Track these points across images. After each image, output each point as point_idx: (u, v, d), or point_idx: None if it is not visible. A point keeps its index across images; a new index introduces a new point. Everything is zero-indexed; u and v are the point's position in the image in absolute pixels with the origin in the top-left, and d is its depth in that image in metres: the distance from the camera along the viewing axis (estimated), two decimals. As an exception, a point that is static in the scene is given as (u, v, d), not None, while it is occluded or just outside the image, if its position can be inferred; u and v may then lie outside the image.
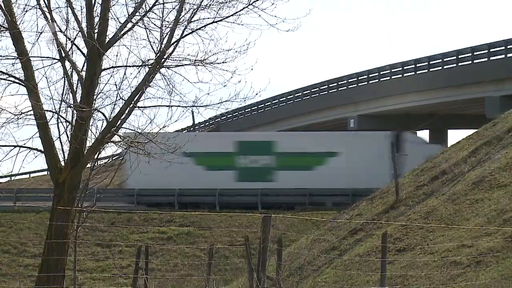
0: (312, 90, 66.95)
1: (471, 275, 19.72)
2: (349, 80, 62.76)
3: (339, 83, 63.85)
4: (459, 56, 51.86)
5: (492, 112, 40.13)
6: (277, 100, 69.91)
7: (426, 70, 54.62)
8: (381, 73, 59.34)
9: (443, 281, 19.52)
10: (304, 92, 67.92)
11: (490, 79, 45.81)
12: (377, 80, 59.52)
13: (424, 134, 66.18)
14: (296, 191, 52.55)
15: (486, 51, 49.35)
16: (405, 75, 56.70)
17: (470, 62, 50.65)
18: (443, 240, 23.11)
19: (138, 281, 26.15)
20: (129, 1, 14.29)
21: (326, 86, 65.21)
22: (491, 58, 48.41)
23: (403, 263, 22.64)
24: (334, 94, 63.67)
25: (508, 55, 46.08)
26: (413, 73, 55.93)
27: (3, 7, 13.96)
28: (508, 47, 47.06)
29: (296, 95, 68.80)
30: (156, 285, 25.39)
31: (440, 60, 53.67)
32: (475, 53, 50.49)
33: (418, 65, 55.69)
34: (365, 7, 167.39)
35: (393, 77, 57.86)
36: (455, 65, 52.00)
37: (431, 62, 54.50)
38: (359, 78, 61.52)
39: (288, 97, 69.41)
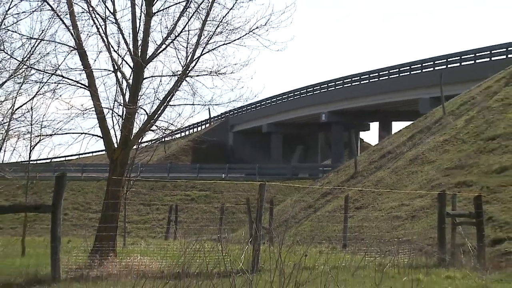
0: (295, 93, 67.11)
1: (408, 226, 19.76)
2: (321, 86, 62.96)
3: (315, 88, 64.02)
4: (401, 69, 51.99)
5: (424, 109, 40.18)
6: (269, 100, 70.01)
7: (377, 79, 54.71)
8: (344, 81, 59.54)
9: (388, 230, 19.52)
10: (289, 94, 68.09)
11: (422, 85, 45.81)
12: (341, 86, 59.68)
13: (374, 126, 66.54)
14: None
15: (420, 65, 49.49)
16: (362, 82, 56.78)
17: (408, 73, 50.76)
18: (388, 201, 23.16)
19: (170, 229, 26.22)
20: (163, 28, 14.32)
21: (305, 90, 65.39)
22: (423, 70, 48.52)
23: (359, 217, 22.67)
24: (311, 96, 63.83)
25: (436, 68, 46.17)
26: (367, 81, 56.03)
27: (73, 33, 13.96)
28: (436, 62, 47.16)
29: (283, 96, 68.94)
30: (183, 233, 25.41)
31: (387, 72, 53.81)
32: (412, 67, 50.62)
33: (371, 75, 55.84)
34: (342, 25, 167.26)
35: (353, 84, 57.96)
36: (397, 75, 52.10)
37: (380, 73, 54.64)
38: (329, 84, 61.73)
39: (277, 98, 69.51)
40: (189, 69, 14.26)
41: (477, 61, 42.90)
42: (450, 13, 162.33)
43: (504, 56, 38.66)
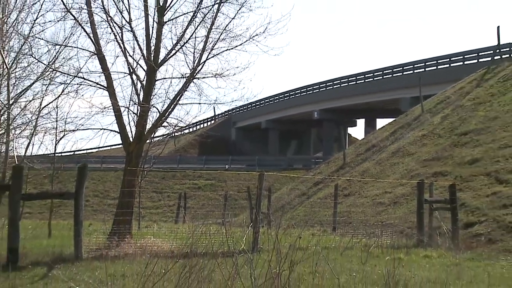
0: (290, 93, 67.05)
1: (391, 211, 19.79)
2: (314, 87, 62.87)
3: (308, 88, 63.96)
4: (384, 71, 51.92)
5: (405, 107, 40.15)
6: (267, 100, 69.90)
7: (363, 81, 54.66)
8: (334, 82, 59.45)
9: (373, 215, 19.57)
10: (285, 94, 68.01)
11: (403, 86, 45.79)
12: (332, 87, 59.63)
13: (361, 122, 66.51)
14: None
15: (401, 68, 49.46)
16: (349, 83, 56.73)
17: (390, 76, 50.70)
18: (373, 189, 23.17)
19: (179, 214, 26.23)
20: (173, 36, 14.32)
21: (299, 91, 65.32)
22: (404, 73, 48.49)
23: (347, 203, 22.69)
24: (304, 96, 63.77)
25: (415, 71, 46.12)
26: (354, 82, 55.98)
27: (93, 40, 13.96)
28: (415, 66, 47.14)
29: (280, 96, 68.86)
30: (190, 217, 25.42)
31: (371, 74, 53.76)
32: (394, 70, 50.59)
33: (358, 77, 55.78)
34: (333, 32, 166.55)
35: (342, 85, 57.94)
36: (381, 77, 52.05)
37: (366, 75, 54.58)
38: (321, 85, 61.66)
39: (274, 98, 69.42)
40: (196, 72, 14.27)
41: (451, 64, 42.85)
42: (434, 20, 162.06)
43: (476, 61, 38.56)
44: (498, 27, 32.51)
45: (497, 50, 33.00)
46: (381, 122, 66.42)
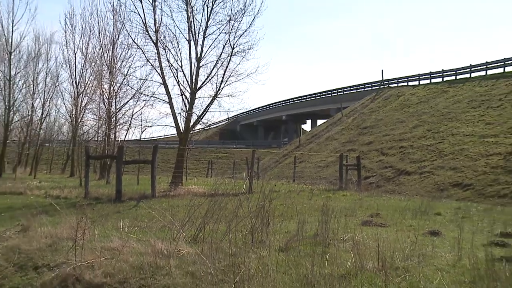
0: (270, 105, 66.74)
1: (325, 170, 19.91)
2: (283, 102, 62.59)
3: (280, 102, 63.69)
4: (322, 93, 51.77)
5: (333, 114, 40.13)
6: (257, 109, 69.40)
7: (310, 99, 54.51)
8: (294, 99, 59.17)
9: (315, 172, 19.65)
10: (267, 106, 67.57)
11: (331, 102, 45.75)
12: (293, 102, 59.39)
13: (309, 122, 66.30)
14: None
15: (331, 92, 49.32)
16: (303, 100, 56.53)
17: (325, 96, 50.58)
18: (315, 158, 23.27)
19: (208, 173, 26.20)
20: (205, 74, 14.29)
21: (275, 104, 65.00)
22: (332, 95, 48.39)
23: (301, 166, 22.77)
24: (278, 107, 63.49)
25: (338, 94, 46.06)
26: (305, 100, 55.80)
27: (161, 76, 13.94)
28: (338, 90, 47.06)
29: (264, 107, 68.36)
30: (214, 174, 25.48)
31: (314, 95, 53.57)
32: (327, 93, 50.45)
33: (307, 96, 55.59)
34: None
35: (298, 101, 57.75)
36: (320, 97, 51.92)
37: (311, 96, 54.41)
38: (288, 101, 61.38)
39: (261, 108, 68.91)
40: (217, 94, 14.26)
41: (358, 90, 42.83)
42: (348, 63, 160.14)
43: (370, 88, 38.58)
44: (382, 70, 32.94)
45: (382, 83, 33.22)
46: (320, 122, 66.48)
